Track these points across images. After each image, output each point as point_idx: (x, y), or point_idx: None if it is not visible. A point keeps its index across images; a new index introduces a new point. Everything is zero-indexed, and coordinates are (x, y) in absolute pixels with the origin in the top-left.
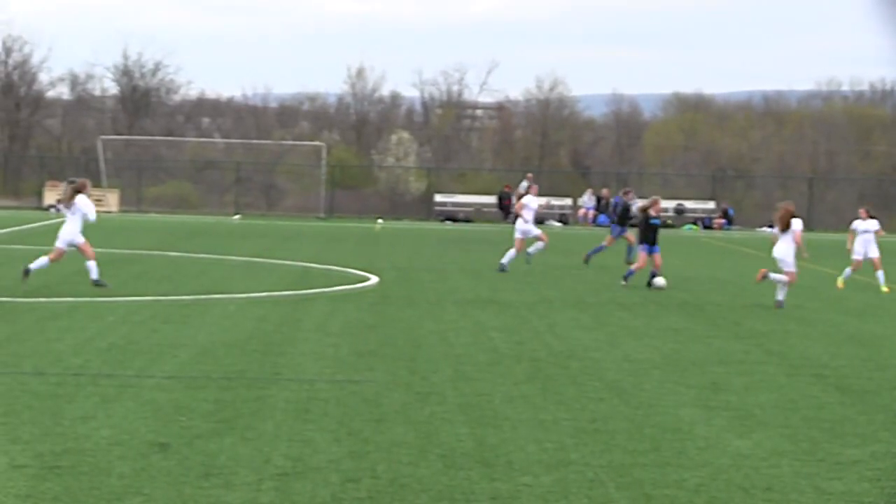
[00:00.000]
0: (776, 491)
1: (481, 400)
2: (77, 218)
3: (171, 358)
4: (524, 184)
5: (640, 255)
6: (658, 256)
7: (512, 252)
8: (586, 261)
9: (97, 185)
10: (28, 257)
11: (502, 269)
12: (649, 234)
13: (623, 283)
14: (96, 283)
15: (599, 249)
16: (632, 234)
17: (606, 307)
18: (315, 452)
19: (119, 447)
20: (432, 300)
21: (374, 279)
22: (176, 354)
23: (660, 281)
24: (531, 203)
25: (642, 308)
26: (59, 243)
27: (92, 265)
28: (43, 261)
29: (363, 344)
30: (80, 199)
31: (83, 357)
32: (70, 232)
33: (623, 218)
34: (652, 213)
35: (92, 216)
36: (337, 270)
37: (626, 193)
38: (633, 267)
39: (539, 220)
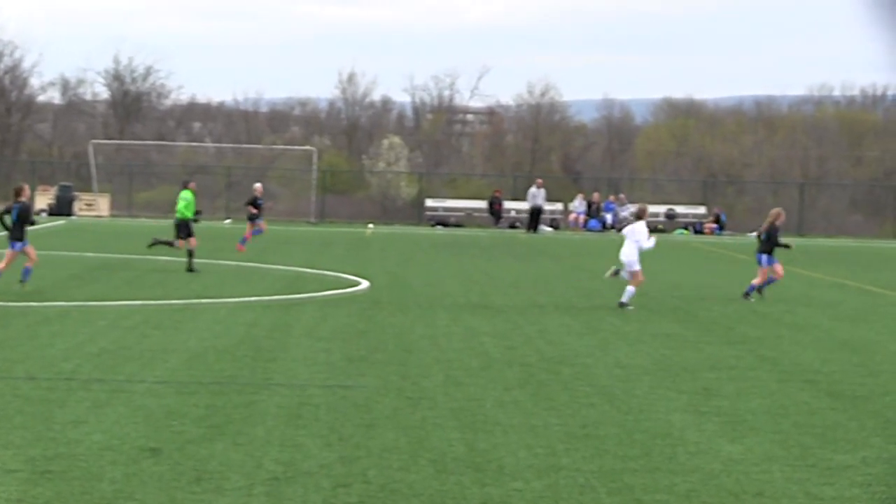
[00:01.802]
0: (767, 496)
1: (472, 405)
2: (633, 242)
3: (162, 363)
4: (533, 189)
5: (762, 269)
6: (779, 266)
7: None
8: None
9: (87, 189)
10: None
11: None
12: (769, 245)
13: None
14: (622, 305)
15: None
16: None
17: (598, 313)
18: (306, 457)
19: (110, 452)
20: (423, 305)
21: (365, 284)
22: (167, 360)
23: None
24: None
25: (634, 314)
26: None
27: (631, 290)
28: (631, 290)
29: (354, 349)
30: (638, 226)
31: (74, 362)
32: (630, 254)
33: None
34: (777, 224)
35: (644, 244)
36: (328, 275)
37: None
38: (754, 282)
39: (531, 225)
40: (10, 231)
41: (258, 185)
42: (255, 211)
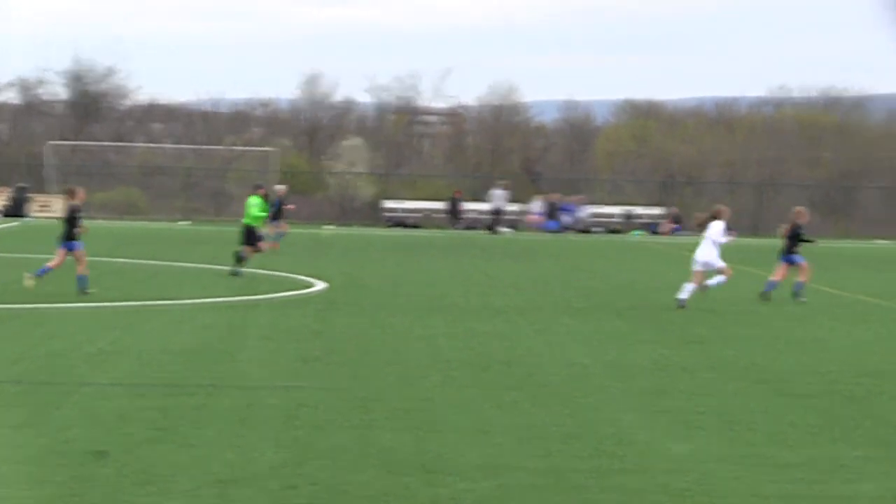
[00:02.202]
0: (715, 495)
1: (423, 405)
2: (709, 241)
3: (114, 366)
4: (497, 191)
5: (791, 267)
6: (805, 266)
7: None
8: None
9: (43, 190)
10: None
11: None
12: (794, 244)
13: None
14: (704, 287)
15: None
16: None
17: (551, 313)
18: (255, 459)
19: (56, 455)
20: (380, 306)
21: (321, 285)
22: (119, 362)
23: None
24: None
25: (587, 314)
26: (696, 266)
27: (722, 279)
28: (721, 278)
29: (308, 350)
30: (715, 225)
31: (23, 364)
32: (706, 254)
33: None
34: (800, 222)
35: (720, 240)
36: (284, 277)
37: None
38: (800, 279)
39: (488, 227)
40: (63, 232)
41: (282, 187)
42: (289, 208)
